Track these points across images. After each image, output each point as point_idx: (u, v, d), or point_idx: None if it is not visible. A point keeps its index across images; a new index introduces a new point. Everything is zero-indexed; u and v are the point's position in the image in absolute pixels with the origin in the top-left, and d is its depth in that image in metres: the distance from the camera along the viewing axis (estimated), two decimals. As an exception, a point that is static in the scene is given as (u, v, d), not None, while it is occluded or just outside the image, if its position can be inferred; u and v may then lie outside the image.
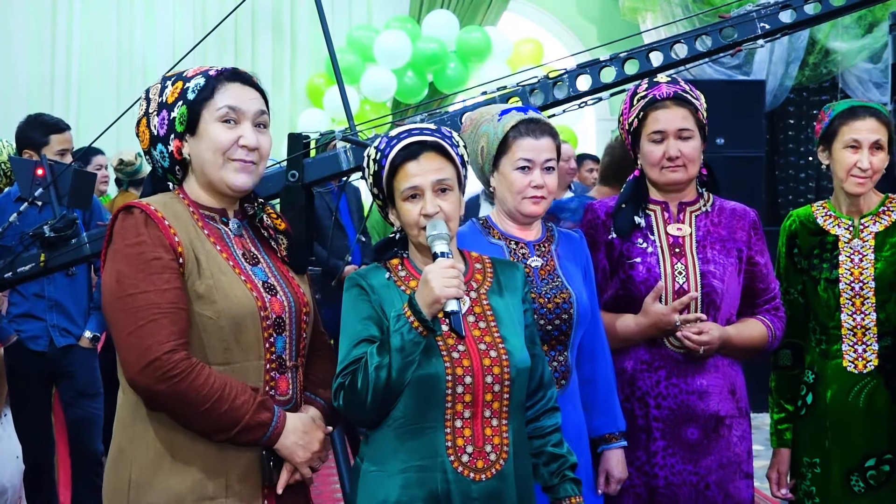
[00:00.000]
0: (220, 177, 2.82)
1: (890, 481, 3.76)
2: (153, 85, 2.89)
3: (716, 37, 4.74)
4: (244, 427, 2.71)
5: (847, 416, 3.77)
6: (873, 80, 11.47)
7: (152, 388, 2.64)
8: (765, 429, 6.76)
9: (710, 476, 3.61)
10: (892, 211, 3.84)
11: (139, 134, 2.87)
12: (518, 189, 3.40)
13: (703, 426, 3.61)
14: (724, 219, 3.74)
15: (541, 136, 3.41)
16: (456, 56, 11.18)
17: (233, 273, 2.79)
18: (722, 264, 3.65)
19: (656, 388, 3.62)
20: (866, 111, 3.79)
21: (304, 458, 2.83)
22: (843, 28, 11.20)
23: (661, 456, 3.61)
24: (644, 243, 3.68)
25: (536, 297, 3.37)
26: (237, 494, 2.75)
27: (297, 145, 4.76)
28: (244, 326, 2.77)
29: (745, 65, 11.29)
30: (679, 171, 3.65)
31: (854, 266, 3.78)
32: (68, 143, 5.90)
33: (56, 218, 4.75)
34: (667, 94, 3.64)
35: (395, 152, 2.93)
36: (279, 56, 11.46)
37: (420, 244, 2.96)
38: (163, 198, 2.83)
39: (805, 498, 3.86)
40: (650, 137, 3.65)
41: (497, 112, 3.49)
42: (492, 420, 2.89)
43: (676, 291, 3.61)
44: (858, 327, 3.77)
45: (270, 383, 2.82)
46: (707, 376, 3.62)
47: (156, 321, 2.64)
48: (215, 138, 2.79)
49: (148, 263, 2.67)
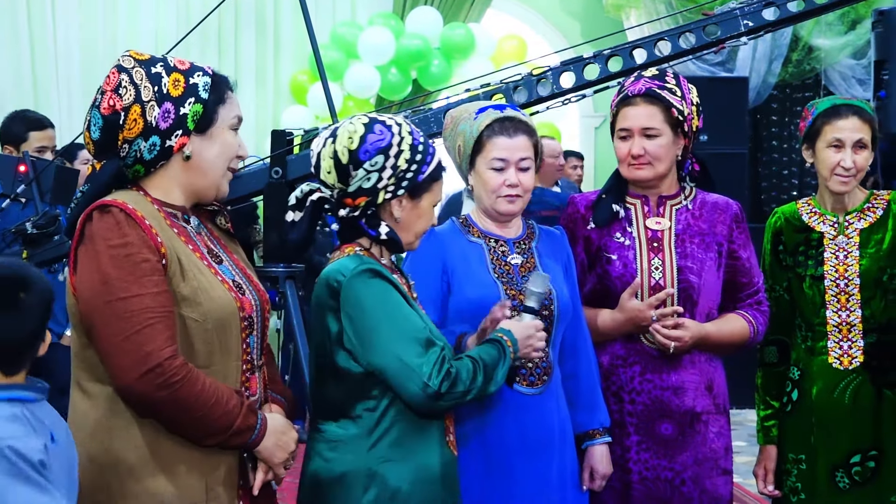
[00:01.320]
0: (218, 183, 2.82)
1: (875, 478, 3.76)
2: (130, 69, 2.73)
3: (699, 34, 4.76)
4: (235, 431, 2.68)
5: (832, 412, 3.78)
6: (856, 76, 11.49)
7: (151, 395, 2.58)
8: (750, 425, 6.79)
9: (686, 472, 3.60)
10: (876, 208, 3.84)
11: (126, 121, 2.70)
12: (493, 188, 3.40)
13: (678, 422, 3.61)
14: (705, 212, 3.72)
15: (515, 134, 3.40)
16: (440, 53, 11.17)
17: (210, 273, 2.76)
18: (700, 259, 3.64)
19: (630, 383, 3.62)
20: (849, 109, 3.79)
21: (281, 458, 2.83)
22: (826, 25, 11.21)
23: (635, 451, 3.60)
24: (622, 237, 3.68)
25: (517, 294, 3.38)
26: (217, 498, 2.73)
27: (280, 142, 4.76)
28: (228, 328, 2.74)
29: (729, 62, 11.30)
30: (644, 169, 3.63)
31: (839, 263, 3.79)
32: (49, 140, 5.86)
33: (39, 215, 4.74)
34: (637, 91, 3.62)
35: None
36: (262, 52, 11.42)
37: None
38: (128, 195, 2.73)
39: (790, 494, 3.86)
40: (618, 134, 3.66)
41: (475, 110, 3.48)
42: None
43: (652, 287, 3.61)
44: (844, 324, 3.78)
45: (245, 384, 2.81)
46: (683, 372, 3.62)
47: (152, 326, 2.58)
48: (229, 145, 2.80)
49: (137, 266, 2.60)
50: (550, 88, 4.77)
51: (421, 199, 2.97)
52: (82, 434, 2.67)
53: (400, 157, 2.90)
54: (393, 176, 2.90)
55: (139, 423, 2.65)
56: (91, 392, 2.69)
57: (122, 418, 2.66)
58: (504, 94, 4.72)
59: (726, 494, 3.70)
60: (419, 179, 2.93)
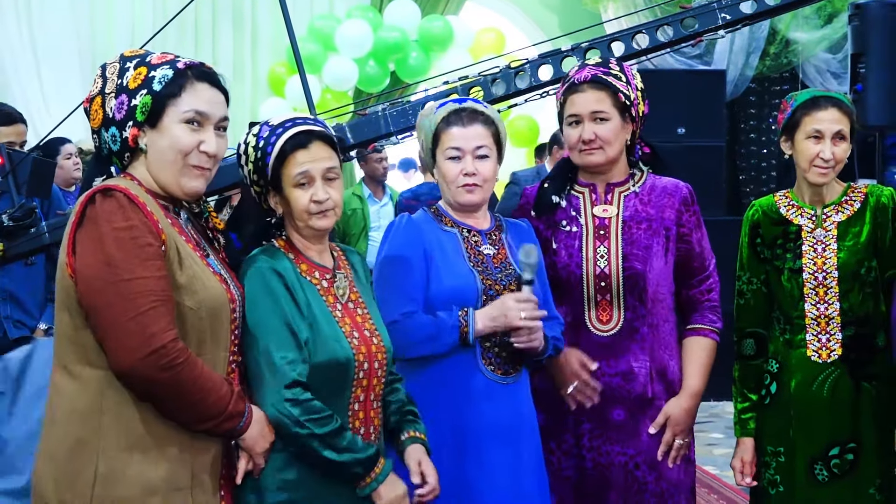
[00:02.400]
0: (176, 179, 2.77)
1: (853, 470, 3.77)
2: (110, 63, 2.81)
3: (677, 27, 4.76)
4: (227, 416, 2.71)
5: (811, 405, 3.78)
6: (831, 70, 11.55)
7: (153, 377, 2.58)
8: (727, 417, 6.81)
9: (640, 457, 3.63)
10: (854, 200, 3.84)
11: (91, 112, 2.79)
12: (451, 178, 3.45)
13: (629, 408, 3.64)
14: (654, 197, 3.76)
15: (470, 123, 3.45)
16: (418, 45, 11.17)
17: (202, 263, 2.78)
18: (645, 245, 3.67)
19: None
20: (828, 101, 3.79)
21: (262, 448, 2.85)
22: (803, 18, 11.26)
23: (588, 438, 3.64)
24: (570, 226, 3.71)
25: (492, 283, 3.42)
26: (202, 485, 2.74)
27: (258, 134, 4.73)
28: (219, 318, 2.76)
29: (706, 55, 11.35)
30: (596, 154, 3.66)
31: (817, 256, 3.79)
32: (18, 135, 5.81)
33: (15, 207, 4.71)
34: (584, 78, 3.66)
35: (283, 140, 2.99)
36: (240, 45, 11.40)
37: (304, 228, 3.05)
38: (125, 182, 2.74)
39: (769, 487, 3.87)
40: (567, 121, 3.70)
41: (436, 106, 3.54)
42: (374, 403, 3.06)
43: (598, 275, 3.63)
44: (822, 317, 3.78)
45: (231, 375, 2.82)
46: (631, 358, 3.64)
47: (156, 308, 2.59)
48: (178, 140, 2.75)
49: (142, 249, 2.61)
50: (528, 81, 4.76)
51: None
52: (68, 417, 2.67)
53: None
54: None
55: (129, 406, 2.65)
56: (80, 375, 2.67)
57: (112, 401, 2.65)
58: (482, 87, 4.72)
59: (687, 481, 3.72)
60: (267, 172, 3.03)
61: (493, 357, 3.41)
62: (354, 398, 3.01)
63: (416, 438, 3.11)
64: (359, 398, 3.02)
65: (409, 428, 3.11)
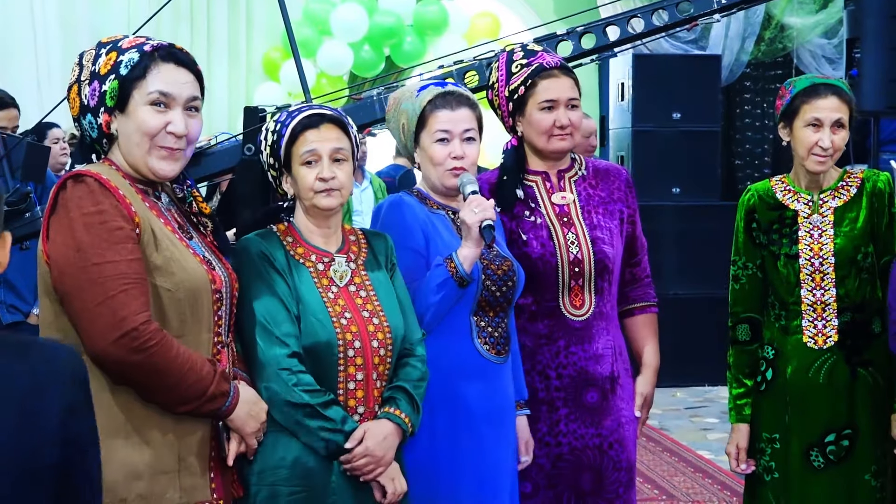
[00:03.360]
0: (145, 162, 2.76)
1: (849, 456, 3.77)
2: (87, 50, 2.82)
3: (672, 11, 4.76)
4: (209, 397, 2.70)
5: (807, 391, 3.78)
6: (826, 55, 11.54)
7: (125, 360, 2.58)
8: (721, 402, 6.82)
9: (612, 436, 3.70)
10: (850, 186, 3.83)
11: (70, 100, 2.81)
12: (438, 161, 3.46)
13: (601, 388, 3.69)
14: (600, 181, 3.83)
15: (458, 107, 3.47)
16: (413, 30, 11.15)
17: (181, 245, 2.78)
18: (608, 228, 3.74)
19: (556, 358, 3.68)
20: (828, 89, 3.77)
21: (253, 428, 2.86)
22: (798, 4, 11.25)
23: (564, 423, 3.67)
24: (532, 216, 3.72)
25: (488, 263, 3.46)
26: (189, 468, 2.74)
27: (253, 119, 4.74)
28: (199, 299, 2.75)
29: (702, 39, 11.33)
30: (567, 140, 3.71)
31: (814, 241, 3.79)
32: (10, 120, 5.81)
33: (10, 191, 4.70)
34: (554, 64, 3.70)
35: (296, 121, 3.11)
36: (235, 29, 11.38)
37: (311, 208, 3.14)
38: (100, 167, 2.76)
39: (764, 473, 3.87)
40: (540, 106, 3.68)
41: (416, 88, 3.55)
42: (377, 382, 3.08)
43: (571, 262, 3.65)
44: (818, 303, 3.78)
45: (217, 357, 2.82)
46: (600, 340, 3.70)
47: (127, 291, 2.58)
48: (143, 122, 2.74)
49: (111, 233, 2.61)
50: (523, 66, 4.75)
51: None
52: None
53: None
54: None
55: (111, 391, 2.65)
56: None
57: (93, 387, 2.62)
58: (477, 72, 4.71)
59: (634, 458, 3.82)
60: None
61: (487, 336, 3.44)
62: (348, 377, 3.04)
63: (388, 414, 3.09)
64: (353, 377, 3.04)
65: (388, 405, 3.10)
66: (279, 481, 2.96)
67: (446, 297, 3.32)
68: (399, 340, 3.14)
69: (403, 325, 3.17)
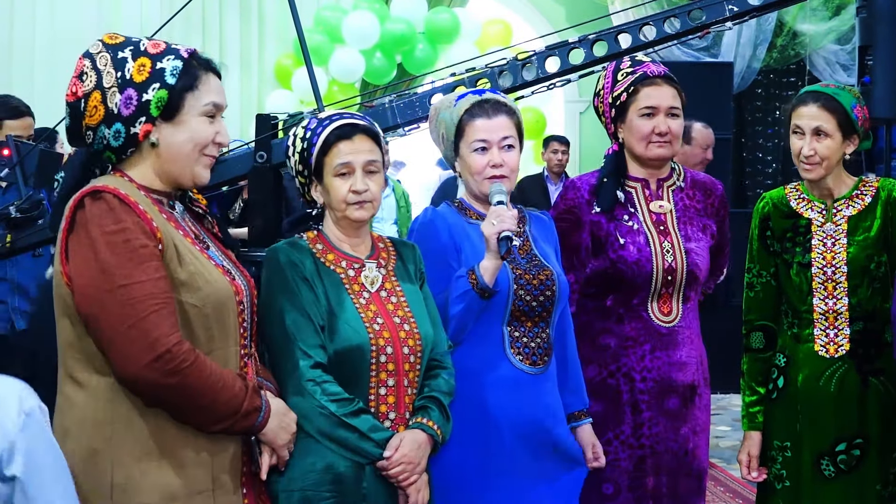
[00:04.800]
0: (191, 171, 2.74)
1: (860, 466, 3.75)
2: (95, 54, 2.72)
3: (684, 19, 4.76)
4: (243, 414, 2.67)
5: (818, 400, 3.76)
6: (840, 61, 11.53)
7: (160, 383, 2.52)
8: (734, 409, 6.80)
9: (688, 444, 3.76)
10: (865, 195, 3.81)
11: (87, 108, 2.67)
12: (477, 170, 3.45)
13: (682, 395, 3.74)
14: (696, 192, 3.87)
15: (495, 114, 3.46)
16: (424, 37, 11.16)
17: (203, 257, 2.72)
18: (701, 240, 3.80)
19: (641, 361, 3.71)
20: (812, 96, 3.75)
21: (285, 440, 2.84)
22: (810, 10, 11.24)
23: (647, 427, 3.71)
24: (630, 221, 3.75)
25: (522, 273, 3.45)
26: (223, 486, 2.70)
27: (265, 126, 4.75)
28: (225, 312, 2.71)
29: (714, 47, 11.33)
30: (665, 147, 3.75)
31: (827, 250, 3.77)
32: (25, 129, 5.79)
33: (22, 198, 4.72)
34: (658, 73, 3.75)
35: (328, 131, 3.09)
36: (247, 36, 11.40)
37: (343, 219, 3.14)
38: (115, 181, 2.67)
39: (775, 481, 3.86)
40: (641, 112, 3.73)
41: (455, 98, 3.55)
42: (408, 389, 3.09)
43: (666, 270, 3.69)
44: (830, 312, 3.76)
45: (244, 369, 2.78)
46: (685, 348, 3.75)
47: (157, 312, 2.52)
48: (198, 133, 2.71)
49: (136, 252, 2.53)
50: (535, 73, 4.76)
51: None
52: (81, 427, 2.61)
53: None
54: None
55: (142, 413, 2.60)
56: (88, 383, 2.61)
57: (123, 409, 2.59)
58: (489, 79, 4.72)
59: (707, 466, 3.87)
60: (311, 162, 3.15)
61: (522, 347, 3.43)
62: (379, 382, 3.04)
63: (420, 424, 3.09)
64: (385, 382, 3.05)
65: (419, 414, 3.10)
66: (309, 487, 2.96)
67: (468, 308, 3.32)
68: (429, 349, 3.14)
69: (433, 333, 3.17)
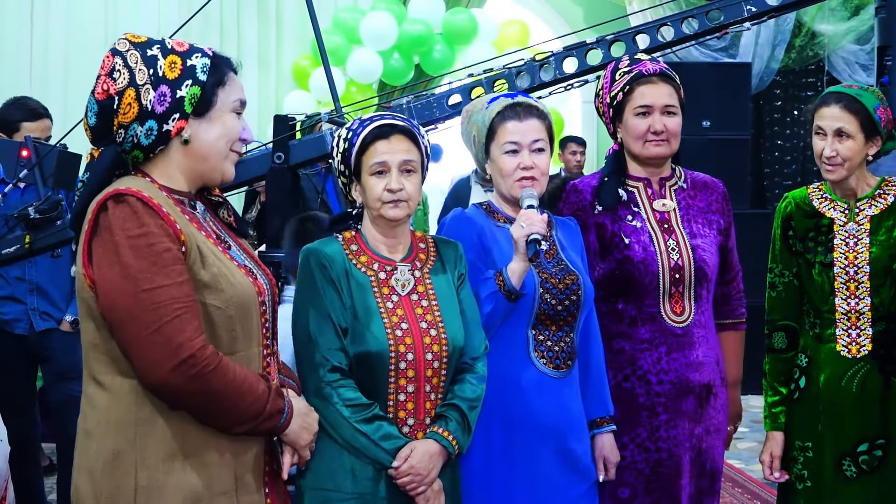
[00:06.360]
0: (221, 167, 2.76)
1: (882, 466, 3.74)
2: (125, 51, 2.71)
3: (702, 19, 4.75)
4: (266, 416, 2.68)
5: (840, 400, 3.75)
6: (860, 62, 11.47)
7: (184, 387, 2.53)
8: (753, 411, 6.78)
9: (702, 443, 3.73)
10: (887, 194, 3.80)
11: (121, 106, 2.65)
12: (507, 172, 3.47)
13: (698, 396, 3.71)
14: (698, 191, 3.86)
15: (526, 117, 3.47)
16: (442, 38, 11.15)
17: (226, 258, 2.72)
18: (707, 237, 3.77)
19: (658, 364, 3.68)
20: (834, 97, 3.75)
21: (307, 440, 2.86)
22: (829, 10, 11.19)
23: (665, 429, 3.69)
24: (634, 220, 3.73)
25: (548, 277, 3.45)
26: (246, 486, 2.71)
27: (282, 127, 4.76)
28: (248, 313, 2.71)
29: (732, 47, 11.29)
30: (662, 146, 3.72)
31: (849, 250, 3.76)
32: (43, 131, 5.79)
33: (41, 199, 4.74)
34: (653, 71, 3.71)
35: (367, 131, 3.14)
36: (265, 37, 11.41)
37: (378, 218, 3.18)
38: (137, 182, 2.65)
39: (797, 482, 3.85)
40: (635, 111, 3.71)
41: (487, 101, 3.56)
42: (431, 395, 3.10)
43: (672, 268, 3.67)
44: (852, 312, 3.75)
45: (267, 369, 2.79)
46: (700, 349, 3.71)
47: (181, 316, 2.52)
48: (231, 128, 2.74)
49: (159, 256, 2.53)
50: (553, 74, 4.77)
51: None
52: (104, 429, 2.61)
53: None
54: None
55: (165, 414, 2.60)
56: (111, 386, 2.61)
57: (146, 410, 2.59)
58: (507, 80, 4.72)
59: (721, 467, 3.83)
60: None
61: (546, 350, 3.43)
62: (398, 388, 3.06)
63: (435, 434, 3.09)
64: (404, 388, 3.07)
65: (437, 423, 3.11)
66: (329, 488, 2.99)
67: (495, 310, 3.32)
68: (456, 352, 3.14)
69: (463, 337, 3.17)
